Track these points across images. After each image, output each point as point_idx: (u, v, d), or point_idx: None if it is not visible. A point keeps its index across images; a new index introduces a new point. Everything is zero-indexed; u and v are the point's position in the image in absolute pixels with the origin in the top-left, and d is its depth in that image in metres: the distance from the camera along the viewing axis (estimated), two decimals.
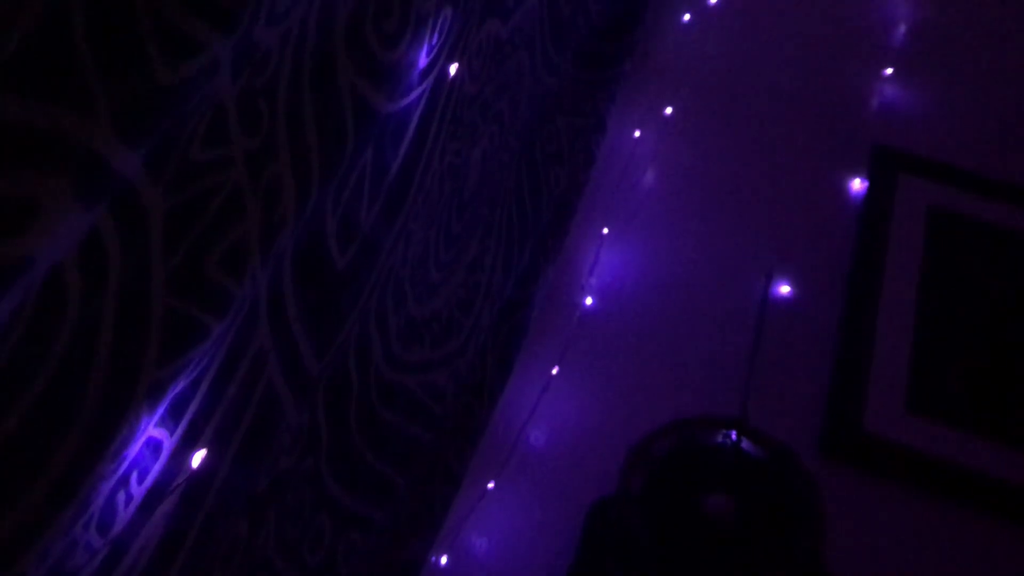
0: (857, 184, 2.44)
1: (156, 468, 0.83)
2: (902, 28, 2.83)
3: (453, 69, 1.31)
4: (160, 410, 0.78)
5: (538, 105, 2.01)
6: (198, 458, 0.87)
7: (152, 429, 0.79)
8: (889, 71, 2.68)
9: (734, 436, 1.90)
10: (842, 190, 2.45)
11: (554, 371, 2.02)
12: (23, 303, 0.59)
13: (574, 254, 2.26)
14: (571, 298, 2.18)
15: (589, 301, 2.16)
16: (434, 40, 1.20)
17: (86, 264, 0.65)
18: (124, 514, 0.79)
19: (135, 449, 0.76)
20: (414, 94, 1.22)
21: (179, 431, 0.85)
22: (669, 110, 2.56)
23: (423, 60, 1.19)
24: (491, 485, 1.87)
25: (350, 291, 1.19)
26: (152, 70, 0.63)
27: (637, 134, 2.52)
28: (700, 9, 2.80)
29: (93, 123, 0.59)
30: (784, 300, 2.20)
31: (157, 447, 0.82)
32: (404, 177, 1.29)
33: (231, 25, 0.70)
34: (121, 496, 0.78)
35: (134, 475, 0.79)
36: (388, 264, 1.33)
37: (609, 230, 2.29)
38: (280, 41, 0.85)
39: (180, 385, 0.80)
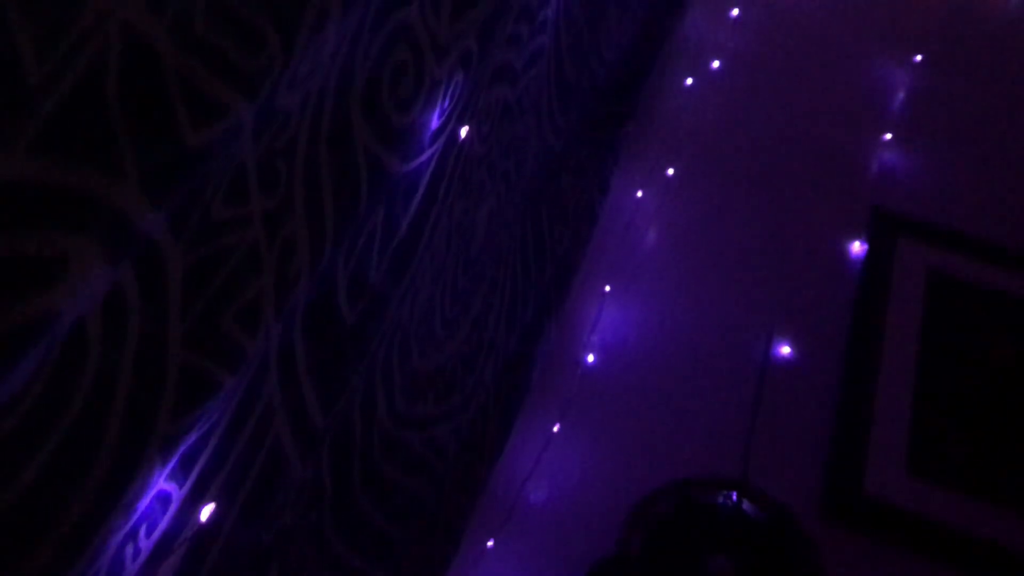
0: (857, 247, 2.47)
1: (164, 521, 0.83)
2: (901, 94, 2.89)
3: (464, 132, 1.34)
4: (171, 463, 0.79)
5: (543, 165, 2.05)
6: (207, 512, 0.87)
7: (162, 482, 0.80)
8: (888, 136, 2.73)
9: (735, 497, 1.90)
10: (842, 252, 2.48)
11: (555, 428, 2.02)
12: (47, 356, 0.61)
13: (576, 311, 2.28)
14: (573, 355, 2.19)
15: (591, 358, 2.17)
16: (446, 103, 1.24)
17: (108, 319, 0.67)
18: (131, 567, 0.79)
19: (146, 502, 0.77)
20: (425, 155, 1.25)
21: (188, 484, 0.86)
22: (671, 171, 2.61)
23: (435, 122, 1.22)
24: (491, 543, 1.86)
25: (358, 346, 1.21)
26: (180, 133, 0.66)
27: (640, 194, 2.55)
28: (702, 73, 2.87)
29: (122, 184, 0.61)
30: (785, 361, 2.21)
31: (166, 500, 0.83)
32: (413, 235, 1.32)
33: (256, 90, 0.73)
34: (129, 549, 0.78)
35: (143, 528, 0.80)
36: (395, 320, 1.35)
37: (611, 288, 2.31)
38: (300, 104, 0.88)
39: (192, 438, 0.81)
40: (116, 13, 0.60)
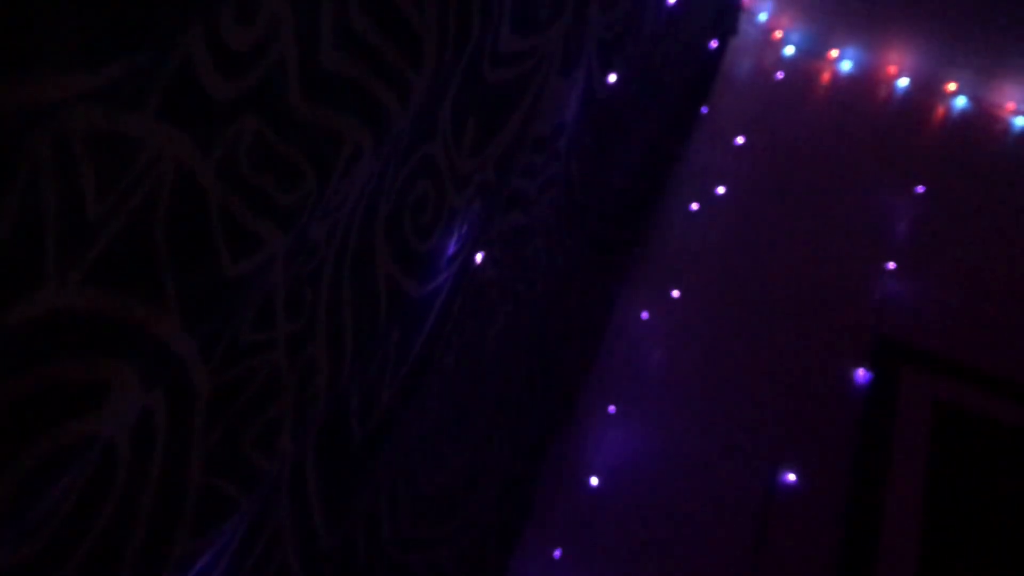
0: (861, 374, 2.49)
1: None
2: (904, 224, 2.95)
3: (479, 257, 1.38)
4: None
5: (552, 286, 2.09)
6: None
7: None
8: (892, 265, 2.77)
9: None
10: (847, 379, 2.49)
11: (556, 553, 2.00)
12: (79, 476, 0.63)
13: (581, 432, 2.28)
14: (576, 477, 2.18)
15: (594, 481, 2.16)
16: (463, 230, 1.28)
17: (137, 440, 0.69)
18: None
19: None
20: (441, 278, 1.28)
21: None
22: (676, 293, 2.65)
23: (451, 248, 1.26)
24: None
25: (366, 466, 1.22)
26: (219, 265, 0.69)
27: (645, 315, 2.59)
28: (707, 199, 2.94)
29: (163, 313, 0.64)
30: (790, 488, 2.20)
31: None
32: (424, 355, 1.34)
33: (291, 224, 0.76)
34: None
35: None
36: (403, 438, 1.36)
37: (616, 410, 2.32)
38: (328, 233, 0.91)
39: (206, 558, 0.81)
40: (170, 152, 0.65)
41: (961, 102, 3.10)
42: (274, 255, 0.76)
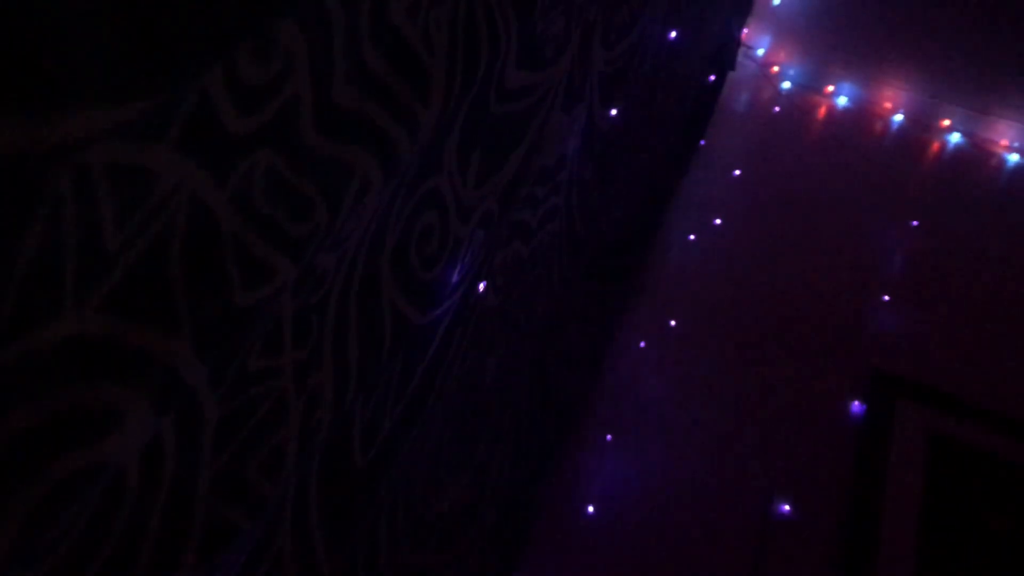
0: (856, 406, 2.50)
1: None
2: (899, 257, 2.98)
3: (480, 287, 1.40)
4: None
5: (551, 314, 2.10)
6: None
7: None
8: (886, 298, 2.80)
9: None
10: (842, 411, 2.50)
11: None
12: (87, 502, 0.63)
13: (578, 460, 2.29)
14: (573, 506, 2.18)
15: (591, 510, 2.16)
16: (466, 260, 1.30)
17: (146, 465, 0.70)
18: None
19: None
20: (443, 307, 1.30)
21: None
22: (673, 323, 2.66)
23: (455, 277, 1.28)
24: None
25: (367, 492, 1.22)
26: (231, 293, 0.70)
27: (642, 344, 2.60)
28: (705, 230, 2.97)
29: (176, 341, 0.65)
30: (786, 519, 2.20)
31: None
32: (426, 382, 1.35)
33: (301, 254, 0.78)
34: None
35: None
36: (404, 466, 1.37)
37: (612, 438, 2.32)
38: (336, 263, 0.93)
39: None
40: (186, 184, 0.66)
41: (955, 138, 3.14)
42: (284, 285, 0.77)
